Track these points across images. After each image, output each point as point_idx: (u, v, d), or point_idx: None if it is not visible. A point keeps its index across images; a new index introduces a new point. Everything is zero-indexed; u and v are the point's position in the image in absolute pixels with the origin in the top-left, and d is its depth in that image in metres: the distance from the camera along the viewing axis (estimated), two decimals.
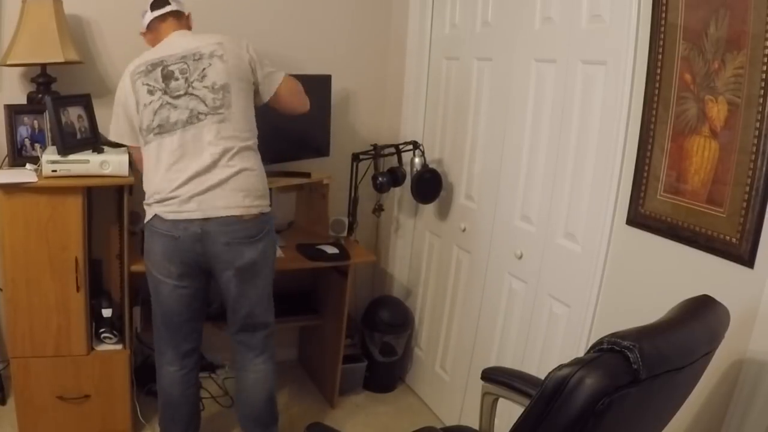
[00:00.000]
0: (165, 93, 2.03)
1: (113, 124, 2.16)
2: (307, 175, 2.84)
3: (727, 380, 1.54)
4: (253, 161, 2.10)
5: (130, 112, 2.08)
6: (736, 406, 1.52)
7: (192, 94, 2.03)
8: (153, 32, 2.18)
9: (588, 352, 1.09)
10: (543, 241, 2.20)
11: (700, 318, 1.27)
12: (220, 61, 2.05)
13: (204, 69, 2.04)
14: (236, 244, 2.06)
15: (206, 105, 2.03)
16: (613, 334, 1.08)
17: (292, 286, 2.96)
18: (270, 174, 2.39)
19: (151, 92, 2.04)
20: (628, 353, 1.03)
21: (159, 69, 2.04)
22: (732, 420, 1.53)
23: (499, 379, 1.75)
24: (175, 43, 2.10)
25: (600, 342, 1.07)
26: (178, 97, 2.03)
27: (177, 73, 2.03)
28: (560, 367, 1.05)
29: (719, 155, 1.57)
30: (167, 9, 2.15)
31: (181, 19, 2.19)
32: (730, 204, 1.55)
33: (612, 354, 1.04)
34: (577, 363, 1.04)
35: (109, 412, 2.46)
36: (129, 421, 2.49)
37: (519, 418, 1.12)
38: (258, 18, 2.88)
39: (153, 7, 2.16)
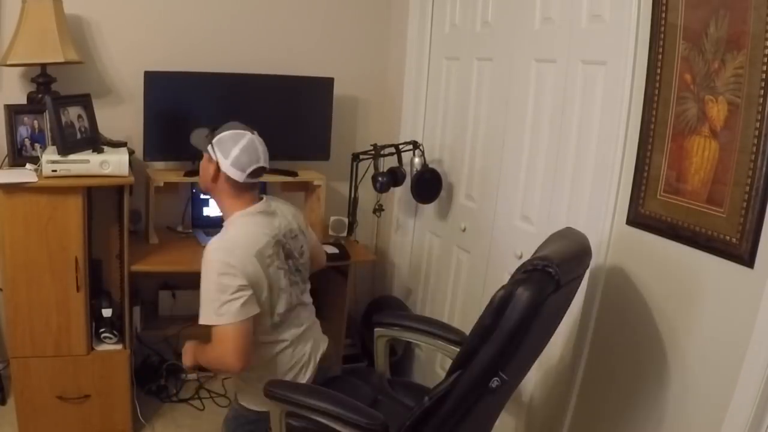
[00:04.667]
0: (290, 273, 1.93)
1: (227, 306, 1.72)
2: (294, 173, 2.84)
3: (727, 380, 1.54)
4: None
5: (258, 292, 1.81)
6: (736, 406, 1.52)
7: (299, 271, 1.98)
8: (228, 184, 1.86)
9: (513, 275, 1.40)
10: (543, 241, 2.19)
11: (571, 238, 1.66)
12: (303, 236, 2.01)
13: (302, 246, 1.98)
14: None
15: (303, 282, 2.02)
16: (530, 260, 1.41)
17: None
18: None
19: (285, 276, 1.90)
20: (549, 269, 1.37)
21: (281, 248, 1.89)
22: (733, 420, 1.53)
23: (388, 321, 2.09)
24: (275, 216, 1.93)
25: (523, 266, 1.40)
26: (297, 274, 1.97)
27: (295, 253, 1.95)
28: (501, 288, 1.37)
29: (719, 155, 1.57)
30: (258, 180, 1.91)
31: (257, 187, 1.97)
32: (730, 204, 1.55)
33: (537, 272, 1.38)
34: (515, 283, 1.36)
35: (109, 412, 2.46)
36: (129, 421, 2.49)
37: (472, 330, 1.41)
38: (260, 22, 2.88)
39: (250, 176, 1.84)
